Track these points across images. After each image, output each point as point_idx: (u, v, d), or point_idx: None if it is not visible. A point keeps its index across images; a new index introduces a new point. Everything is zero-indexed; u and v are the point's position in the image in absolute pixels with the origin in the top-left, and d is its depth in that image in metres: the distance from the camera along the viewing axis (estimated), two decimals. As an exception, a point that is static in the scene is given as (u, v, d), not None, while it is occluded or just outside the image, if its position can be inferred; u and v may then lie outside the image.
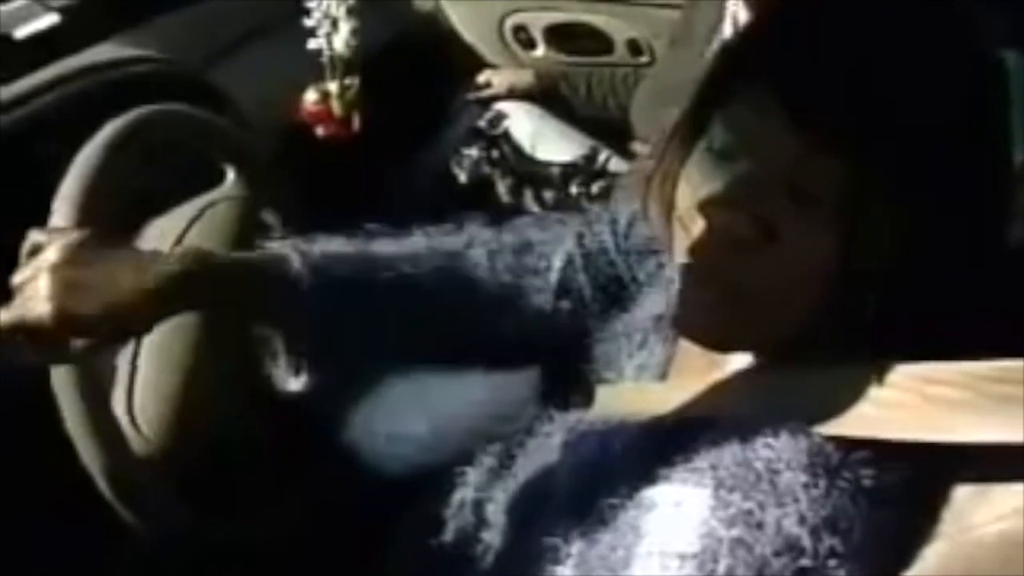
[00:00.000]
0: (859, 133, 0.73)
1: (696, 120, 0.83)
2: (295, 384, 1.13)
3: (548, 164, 2.08)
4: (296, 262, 0.98)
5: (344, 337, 1.02)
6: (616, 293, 1.05)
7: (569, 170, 2.06)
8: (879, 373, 0.77)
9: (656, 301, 0.99)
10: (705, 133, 0.82)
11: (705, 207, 0.79)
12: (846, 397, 0.78)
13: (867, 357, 0.78)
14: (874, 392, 0.77)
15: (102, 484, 0.96)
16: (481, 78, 2.23)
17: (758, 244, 0.77)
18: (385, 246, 1.04)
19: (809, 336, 0.80)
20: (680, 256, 0.83)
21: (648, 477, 0.81)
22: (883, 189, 0.74)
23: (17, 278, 0.87)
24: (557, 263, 1.08)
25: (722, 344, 0.86)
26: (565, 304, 1.07)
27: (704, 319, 0.83)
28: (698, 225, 0.80)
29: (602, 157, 2.07)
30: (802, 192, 0.75)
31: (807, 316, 0.79)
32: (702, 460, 0.78)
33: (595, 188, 2.02)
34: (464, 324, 1.07)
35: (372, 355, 1.08)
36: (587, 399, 1.00)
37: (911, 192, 0.75)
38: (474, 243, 1.08)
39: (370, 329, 1.02)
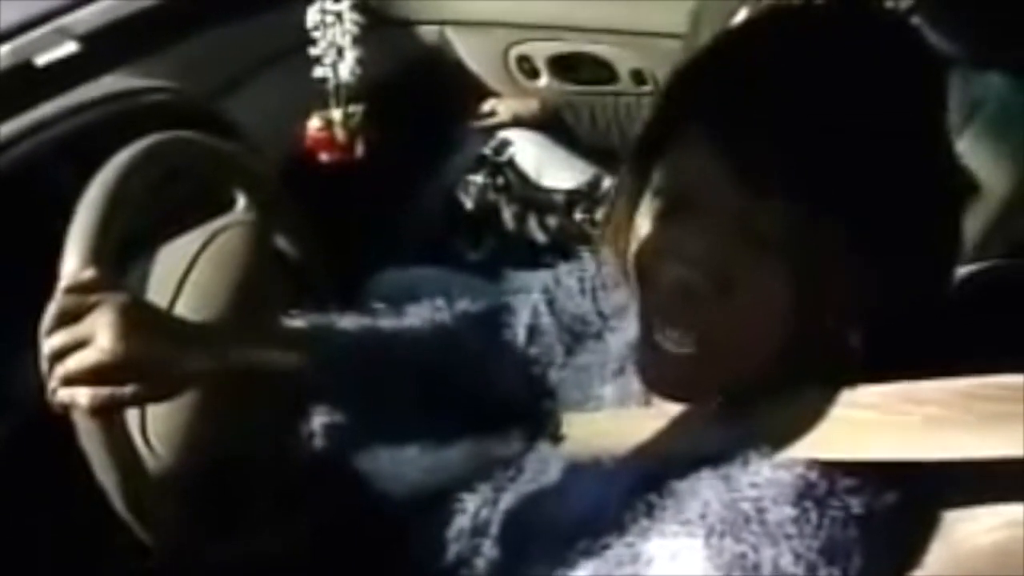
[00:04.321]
0: (804, 173, 0.73)
1: (640, 166, 0.83)
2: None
3: (552, 191, 2.09)
4: (316, 337, 1.08)
5: (350, 404, 1.11)
6: (582, 330, 1.07)
7: (573, 197, 2.07)
8: (860, 394, 0.78)
9: (629, 332, 1.00)
10: (650, 179, 0.82)
11: (654, 260, 0.80)
12: (828, 420, 0.78)
13: (846, 381, 0.79)
14: (856, 413, 0.78)
15: (114, 499, 0.98)
16: (486, 106, 2.25)
17: (714, 295, 0.77)
18: (387, 322, 1.14)
19: (776, 376, 0.81)
20: (640, 307, 0.84)
21: (642, 531, 0.82)
22: (834, 227, 0.74)
23: (65, 336, 0.91)
24: (525, 313, 1.11)
25: (689, 397, 0.86)
26: (534, 350, 1.09)
27: (667, 376, 0.83)
28: (650, 281, 0.81)
29: (606, 184, 2.08)
30: (754, 237, 0.75)
31: (771, 360, 0.80)
32: (691, 510, 0.78)
33: (598, 215, 2.02)
34: (451, 391, 1.12)
35: (375, 421, 1.14)
36: (566, 430, 1.02)
37: (862, 229, 0.75)
38: (461, 316, 1.15)
39: (373, 398, 1.10)
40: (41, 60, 0.64)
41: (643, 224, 0.83)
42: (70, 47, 0.64)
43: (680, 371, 0.82)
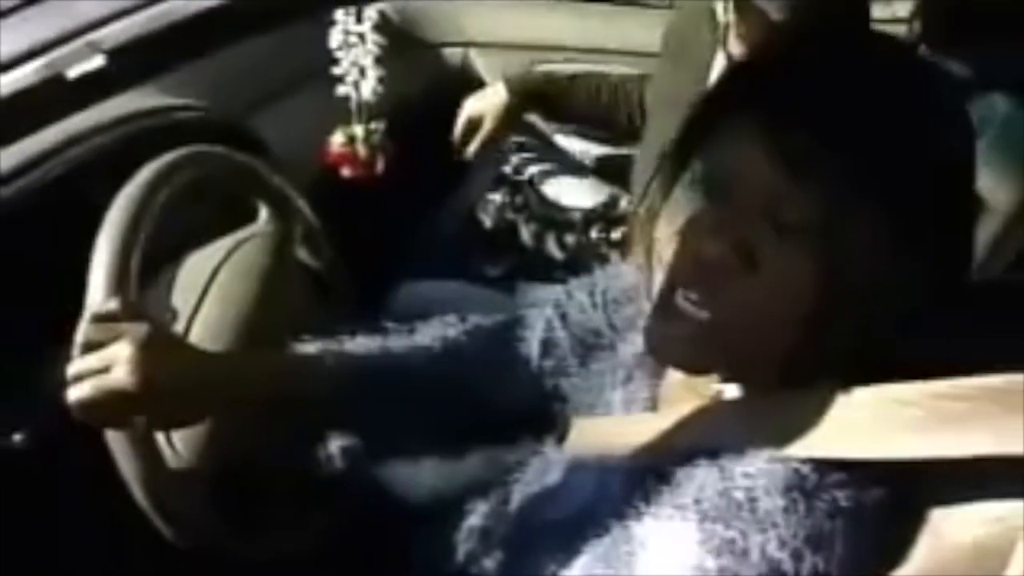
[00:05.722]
0: (838, 161, 0.77)
1: (681, 153, 0.87)
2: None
3: (570, 210, 2.10)
4: (329, 363, 1.11)
5: (364, 428, 1.14)
6: (595, 342, 1.09)
7: (590, 215, 2.08)
8: (850, 397, 0.80)
9: (637, 342, 1.01)
10: (688, 167, 0.85)
11: (685, 233, 0.83)
12: (824, 421, 0.80)
13: (849, 381, 0.81)
14: (849, 414, 0.80)
15: (137, 495, 1.03)
16: (458, 128, 1.99)
17: (737, 271, 0.80)
18: (399, 343, 1.16)
19: (791, 362, 0.83)
20: (658, 287, 0.86)
21: (638, 515, 0.85)
22: (864, 218, 0.78)
23: (86, 365, 0.98)
24: (539, 327, 1.13)
25: (698, 370, 0.88)
26: (548, 362, 1.12)
27: (679, 349, 0.85)
28: (677, 251, 0.83)
29: (622, 203, 2.09)
30: (783, 222, 0.79)
31: (787, 344, 0.82)
32: (686, 495, 0.81)
33: (614, 233, 2.04)
34: (466, 407, 1.15)
35: (389, 441, 1.18)
36: (573, 435, 1.04)
37: (889, 223, 0.78)
38: (474, 331, 1.18)
39: (386, 421, 1.13)
40: (72, 73, 0.68)
41: (675, 206, 0.86)
42: (99, 61, 0.69)
43: (692, 336, 0.83)
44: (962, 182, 0.84)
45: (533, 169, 2.17)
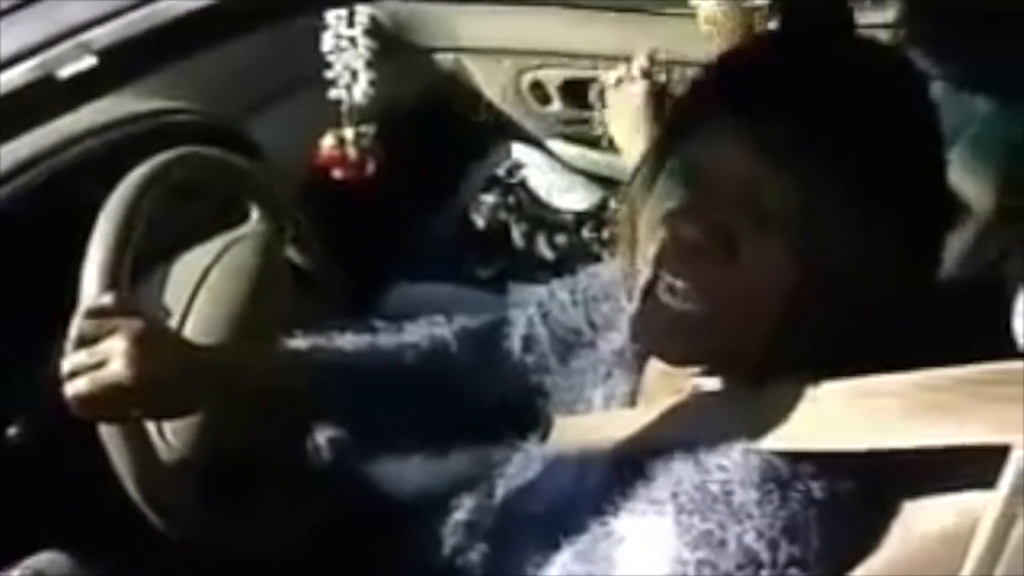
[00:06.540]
0: (812, 154, 0.80)
1: (662, 147, 0.90)
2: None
3: (562, 211, 2.13)
4: (319, 358, 1.13)
5: (352, 422, 1.17)
6: (575, 340, 1.11)
7: (582, 217, 2.10)
8: (825, 389, 0.82)
9: (616, 339, 1.05)
10: (670, 161, 0.88)
11: (667, 219, 0.85)
12: (798, 413, 0.83)
13: (828, 370, 0.83)
14: (822, 407, 0.82)
15: (130, 487, 1.05)
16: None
17: (717, 257, 0.82)
18: (387, 340, 1.18)
19: (770, 353, 0.85)
20: (641, 277, 0.88)
21: (615, 510, 0.86)
22: (836, 207, 0.80)
23: (82, 359, 1.00)
24: (521, 323, 1.16)
25: (681, 359, 0.90)
26: (530, 358, 1.15)
27: (662, 328, 0.87)
28: (658, 240, 0.85)
29: (613, 205, 2.11)
30: (761, 210, 0.81)
31: (766, 333, 0.84)
32: (662, 489, 0.83)
33: (605, 234, 2.05)
34: (452, 404, 1.18)
35: (376, 436, 1.20)
36: (555, 432, 1.07)
37: (862, 211, 0.81)
38: (460, 331, 1.20)
39: (374, 416, 1.16)
40: (63, 74, 0.70)
41: (657, 198, 0.88)
42: (90, 61, 0.70)
43: (676, 326, 0.86)
44: (932, 172, 0.87)
45: (526, 171, 2.19)
